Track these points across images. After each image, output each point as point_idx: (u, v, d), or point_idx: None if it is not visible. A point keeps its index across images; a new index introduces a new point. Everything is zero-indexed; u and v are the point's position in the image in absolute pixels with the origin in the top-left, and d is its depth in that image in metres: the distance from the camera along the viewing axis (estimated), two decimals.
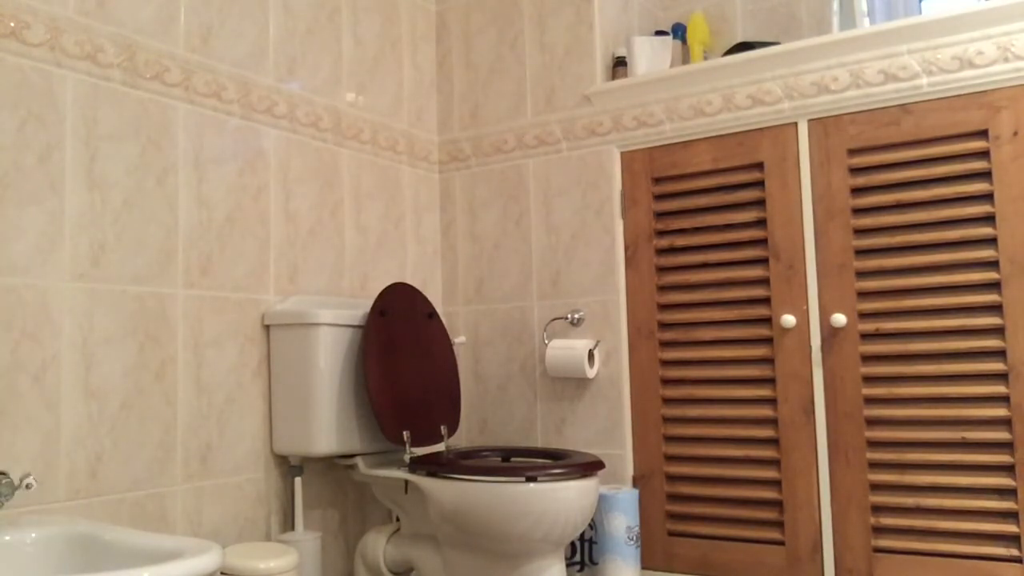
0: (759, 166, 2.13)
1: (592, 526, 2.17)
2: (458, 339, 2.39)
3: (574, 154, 2.38)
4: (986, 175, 1.87)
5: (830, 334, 2.01)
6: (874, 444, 1.95)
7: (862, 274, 1.99)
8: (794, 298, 2.06)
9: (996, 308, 1.85)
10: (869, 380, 1.97)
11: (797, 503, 2.03)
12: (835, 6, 2.38)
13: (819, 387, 2.02)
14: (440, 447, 2.16)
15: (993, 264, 1.86)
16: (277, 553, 1.72)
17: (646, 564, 2.20)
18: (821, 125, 2.05)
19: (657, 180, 2.26)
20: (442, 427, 2.14)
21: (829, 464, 2.00)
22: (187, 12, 1.88)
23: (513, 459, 2.08)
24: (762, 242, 2.12)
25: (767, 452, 2.08)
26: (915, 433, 1.91)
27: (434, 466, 1.89)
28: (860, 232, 2.00)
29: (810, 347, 2.03)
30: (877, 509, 1.94)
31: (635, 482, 2.24)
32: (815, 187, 2.05)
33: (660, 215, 2.26)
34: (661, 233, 2.25)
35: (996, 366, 1.84)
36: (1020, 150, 1.84)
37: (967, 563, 1.84)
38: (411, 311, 2.14)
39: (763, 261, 2.11)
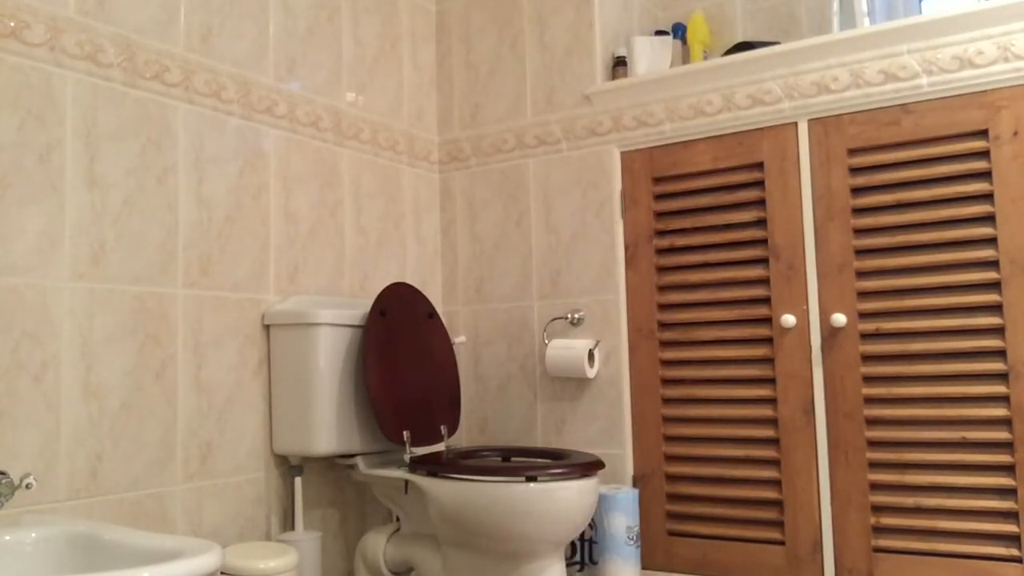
0: (759, 166, 2.13)
1: (592, 526, 2.17)
2: (458, 339, 2.39)
3: (574, 154, 2.38)
4: (986, 175, 1.87)
5: (830, 334, 2.01)
6: (874, 444, 1.95)
7: (862, 274, 1.99)
8: (794, 298, 2.06)
9: (996, 308, 1.85)
10: (869, 380, 1.97)
11: (797, 503, 2.03)
12: (835, 6, 2.39)
13: (819, 387, 2.02)
14: (440, 447, 2.17)
15: (993, 264, 1.86)
16: (277, 553, 1.72)
17: (646, 564, 2.20)
18: (821, 125, 2.05)
19: (657, 180, 2.26)
20: (442, 427, 2.14)
21: (829, 464, 2.00)
22: (187, 12, 1.88)
23: (513, 459, 2.08)
24: (762, 242, 2.12)
25: (767, 452, 2.08)
26: (915, 433, 1.91)
27: (434, 466, 1.89)
28: (860, 232, 2.00)
29: (810, 347, 2.03)
30: (877, 509, 1.94)
31: (635, 482, 2.24)
32: (815, 187, 2.05)
33: (660, 215, 2.26)
34: (661, 233, 2.25)
35: (996, 366, 1.84)
36: (1020, 150, 1.84)
37: (967, 563, 1.84)
38: (411, 311, 2.14)
39: (763, 261, 2.11)
